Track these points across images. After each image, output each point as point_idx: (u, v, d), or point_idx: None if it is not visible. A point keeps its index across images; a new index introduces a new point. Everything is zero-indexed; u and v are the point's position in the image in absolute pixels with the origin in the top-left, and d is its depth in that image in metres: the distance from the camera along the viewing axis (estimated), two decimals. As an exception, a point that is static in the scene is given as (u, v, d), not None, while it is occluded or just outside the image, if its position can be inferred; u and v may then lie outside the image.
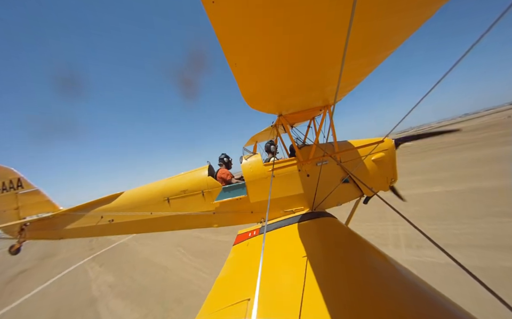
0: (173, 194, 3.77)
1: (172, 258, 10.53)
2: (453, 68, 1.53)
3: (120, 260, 12.53)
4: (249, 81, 1.86)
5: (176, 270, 9.04)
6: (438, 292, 1.43)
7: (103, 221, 3.89)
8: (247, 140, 6.29)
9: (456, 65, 1.49)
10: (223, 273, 2.38)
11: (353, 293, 1.50)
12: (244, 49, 1.35)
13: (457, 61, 1.48)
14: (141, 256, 12.32)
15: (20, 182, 4.02)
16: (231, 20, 1.08)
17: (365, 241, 2.23)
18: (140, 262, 11.21)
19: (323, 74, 2.05)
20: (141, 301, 7.26)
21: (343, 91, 2.79)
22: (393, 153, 3.62)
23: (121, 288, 8.58)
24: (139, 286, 8.44)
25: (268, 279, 1.81)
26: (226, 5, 0.97)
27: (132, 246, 15.17)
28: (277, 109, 3.03)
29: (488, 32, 1.17)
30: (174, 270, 9.09)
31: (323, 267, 1.87)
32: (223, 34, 1.16)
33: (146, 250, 13.08)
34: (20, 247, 3.88)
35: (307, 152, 3.61)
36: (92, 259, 14.06)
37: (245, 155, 3.90)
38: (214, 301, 1.91)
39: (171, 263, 9.95)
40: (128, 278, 9.48)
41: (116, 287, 8.80)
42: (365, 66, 2.10)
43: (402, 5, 1.25)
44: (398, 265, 1.77)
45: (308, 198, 3.49)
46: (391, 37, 1.62)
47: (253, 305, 1.20)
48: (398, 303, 1.38)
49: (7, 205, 3.92)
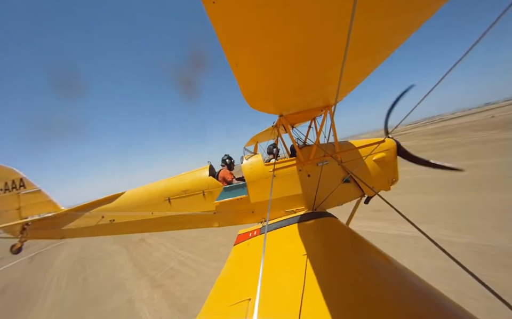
0: (173, 194, 3.78)
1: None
2: (453, 67, 1.53)
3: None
4: (250, 81, 1.86)
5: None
6: (439, 292, 1.43)
7: (104, 220, 3.91)
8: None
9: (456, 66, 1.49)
10: (224, 273, 2.38)
11: (354, 293, 1.50)
12: (245, 50, 1.36)
13: (457, 61, 1.48)
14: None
15: (22, 182, 4.04)
16: (232, 20, 1.08)
17: (366, 241, 2.23)
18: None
19: (324, 75, 2.05)
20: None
21: (343, 91, 2.79)
22: (394, 153, 3.61)
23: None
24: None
25: (268, 279, 1.81)
26: (226, 5, 0.97)
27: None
28: (278, 110, 3.04)
29: (488, 31, 1.17)
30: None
31: (324, 267, 1.87)
32: (223, 35, 1.16)
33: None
34: (21, 247, 3.90)
35: (308, 153, 3.60)
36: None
37: (246, 155, 3.91)
38: (215, 301, 1.92)
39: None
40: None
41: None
42: (365, 66, 2.10)
43: (403, 4, 1.25)
44: (399, 266, 1.76)
45: (308, 198, 3.49)
46: (391, 37, 1.62)
47: (253, 305, 1.20)
48: (398, 303, 1.38)
49: (9, 204, 3.94)
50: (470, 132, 31.93)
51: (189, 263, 9.33)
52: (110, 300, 7.91)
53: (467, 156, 16.75)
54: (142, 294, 7.75)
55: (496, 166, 12.49)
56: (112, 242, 16.20)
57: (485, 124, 39.87)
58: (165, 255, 11.03)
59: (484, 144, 19.96)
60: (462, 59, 1.43)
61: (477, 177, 11.21)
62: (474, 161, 14.62)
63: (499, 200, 8.33)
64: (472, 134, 29.80)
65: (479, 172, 12.05)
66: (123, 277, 9.68)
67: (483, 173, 11.71)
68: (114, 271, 10.73)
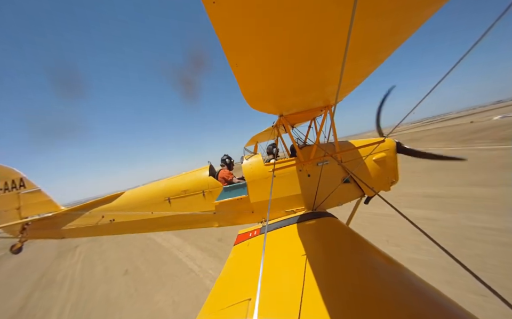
0: (173, 194, 3.78)
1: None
2: (453, 68, 1.53)
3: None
4: (250, 81, 1.86)
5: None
6: (439, 292, 1.43)
7: (104, 220, 3.91)
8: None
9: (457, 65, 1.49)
10: (224, 273, 2.38)
11: (354, 293, 1.50)
12: (245, 50, 1.36)
13: (456, 62, 1.48)
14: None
15: (22, 181, 4.03)
16: (232, 20, 1.08)
17: (366, 241, 2.23)
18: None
19: (324, 75, 2.05)
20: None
21: (344, 91, 2.79)
22: (394, 153, 3.61)
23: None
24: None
25: (268, 279, 1.81)
26: (227, 5, 0.97)
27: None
28: (278, 110, 3.03)
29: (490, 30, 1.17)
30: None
31: (324, 267, 1.87)
32: (224, 35, 1.16)
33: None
34: (21, 247, 3.90)
35: (308, 152, 3.60)
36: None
37: (246, 155, 3.91)
38: (215, 301, 1.92)
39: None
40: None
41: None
42: (365, 66, 2.10)
43: (403, 4, 1.25)
44: (399, 266, 1.76)
45: (308, 198, 3.49)
46: (391, 37, 1.62)
47: (253, 305, 1.20)
48: (398, 303, 1.38)
49: (9, 204, 3.93)
50: (427, 143, 28.28)
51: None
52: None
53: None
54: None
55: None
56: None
57: (448, 133, 35.46)
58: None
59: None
60: (461, 59, 1.43)
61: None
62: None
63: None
64: (423, 144, 26.45)
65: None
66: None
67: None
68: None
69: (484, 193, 9.16)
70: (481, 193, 9.24)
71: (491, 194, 8.87)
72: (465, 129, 35.01)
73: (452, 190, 10.24)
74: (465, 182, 10.95)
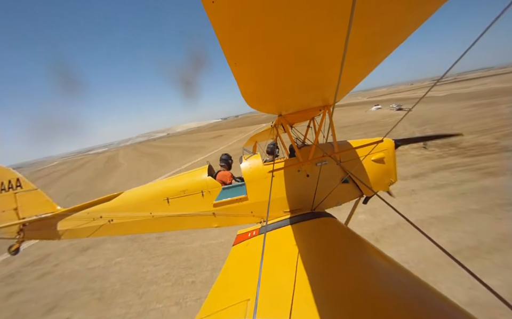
0: (172, 195, 3.77)
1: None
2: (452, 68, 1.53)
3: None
4: (249, 81, 1.85)
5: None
6: (437, 291, 1.43)
7: (102, 220, 3.89)
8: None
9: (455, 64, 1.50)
10: (223, 274, 2.38)
11: (353, 292, 1.50)
12: (244, 49, 1.35)
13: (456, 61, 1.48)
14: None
15: (19, 182, 4.00)
16: (231, 20, 1.08)
17: (365, 241, 2.23)
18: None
19: (323, 75, 2.05)
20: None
21: (342, 91, 2.79)
22: (392, 153, 3.62)
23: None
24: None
25: (267, 279, 1.80)
26: (226, 5, 0.97)
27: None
28: (277, 109, 3.03)
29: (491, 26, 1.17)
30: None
31: (323, 267, 1.87)
32: (222, 34, 1.15)
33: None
34: (19, 247, 3.87)
35: (307, 153, 3.60)
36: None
37: (245, 155, 3.90)
38: (214, 301, 1.91)
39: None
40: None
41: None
42: (364, 66, 2.10)
43: (402, 4, 1.25)
44: (398, 265, 1.77)
45: (307, 198, 3.48)
46: (390, 37, 1.62)
47: (252, 306, 1.20)
48: (397, 303, 1.38)
49: (6, 205, 3.90)
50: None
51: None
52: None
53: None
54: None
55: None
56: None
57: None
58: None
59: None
60: (461, 59, 1.43)
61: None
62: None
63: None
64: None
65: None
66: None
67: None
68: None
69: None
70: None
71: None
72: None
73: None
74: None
